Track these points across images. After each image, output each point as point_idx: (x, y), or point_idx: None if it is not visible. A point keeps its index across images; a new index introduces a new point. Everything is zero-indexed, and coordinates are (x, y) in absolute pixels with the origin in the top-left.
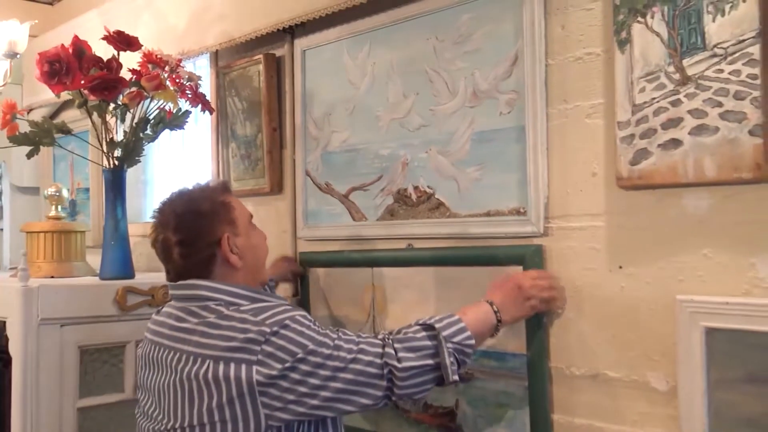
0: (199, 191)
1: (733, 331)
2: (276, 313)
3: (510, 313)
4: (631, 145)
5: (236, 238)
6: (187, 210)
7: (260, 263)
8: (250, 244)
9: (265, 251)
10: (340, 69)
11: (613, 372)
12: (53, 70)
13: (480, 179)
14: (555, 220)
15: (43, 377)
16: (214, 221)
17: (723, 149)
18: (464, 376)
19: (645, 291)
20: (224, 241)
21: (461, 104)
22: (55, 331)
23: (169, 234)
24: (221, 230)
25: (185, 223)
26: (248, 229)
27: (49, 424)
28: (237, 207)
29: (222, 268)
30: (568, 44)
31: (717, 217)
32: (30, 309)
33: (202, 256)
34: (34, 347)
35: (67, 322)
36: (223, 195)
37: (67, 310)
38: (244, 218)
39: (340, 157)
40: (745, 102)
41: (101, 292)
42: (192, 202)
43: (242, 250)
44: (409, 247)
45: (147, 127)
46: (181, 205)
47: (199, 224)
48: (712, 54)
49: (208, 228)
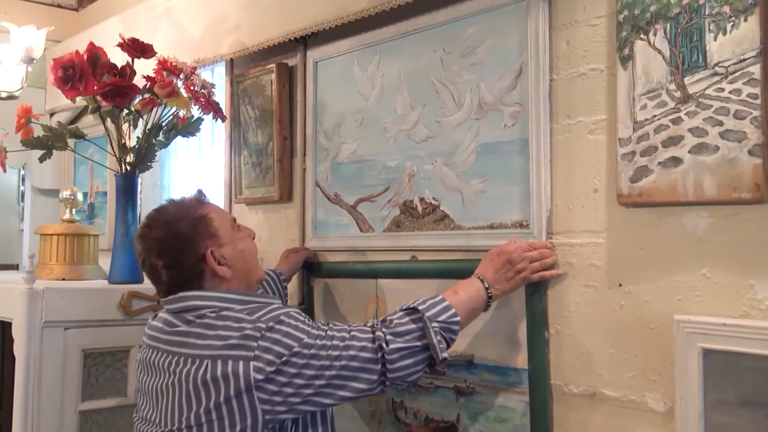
0: (175, 210)
1: (730, 353)
2: (270, 311)
3: (501, 287)
4: (632, 162)
5: (221, 248)
6: (167, 234)
7: (251, 265)
8: (236, 251)
9: (253, 252)
10: (350, 80)
11: (610, 391)
12: (67, 75)
13: (484, 191)
14: (557, 235)
15: (45, 379)
16: (195, 239)
17: (723, 168)
18: (465, 390)
19: (644, 310)
20: (209, 256)
21: (467, 116)
22: (58, 334)
23: (153, 259)
24: (204, 246)
25: (167, 248)
26: (233, 236)
27: (50, 426)
28: (216, 217)
29: (213, 281)
30: (573, 59)
31: (716, 237)
32: (34, 311)
33: (190, 274)
34: (37, 349)
35: (71, 325)
36: (199, 209)
37: (71, 313)
38: (225, 226)
39: (348, 167)
40: (745, 122)
41: (106, 296)
42: (169, 225)
43: (230, 259)
44: (413, 259)
45: (160, 134)
46: (159, 229)
47: (181, 245)
48: (713, 72)
49: (191, 247)
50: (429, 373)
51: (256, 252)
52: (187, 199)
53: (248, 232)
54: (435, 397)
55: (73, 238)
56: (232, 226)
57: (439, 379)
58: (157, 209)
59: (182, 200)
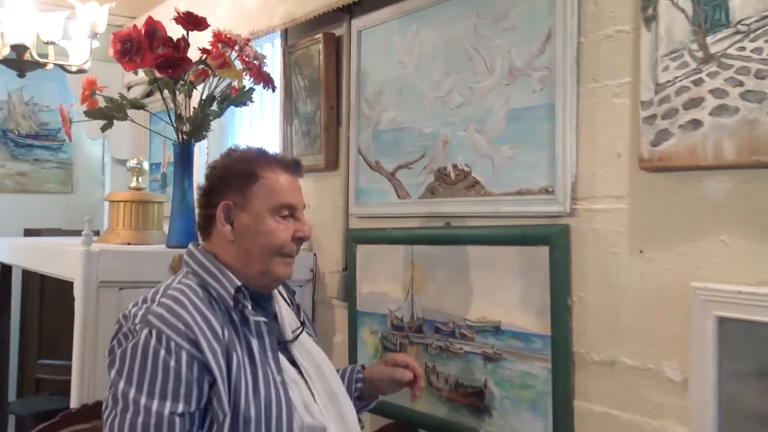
0: (239, 155)
1: (746, 321)
2: (151, 313)
3: None
4: (653, 125)
5: (242, 212)
6: (217, 165)
7: (258, 252)
8: (255, 227)
9: (274, 244)
10: (390, 49)
11: (630, 360)
12: (125, 48)
13: (513, 157)
14: (581, 201)
15: (101, 336)
16: (227, 184)
17: (742, 131)
18: (493, 356)
19: (664, 277)
20: (221, 206)
21: (498, 82)
22: (113, 294)
23: (203, 181)
24: (226, 195)
25: (211, 176)
26: (266, 214)
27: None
28: (265, 185)
29: (218, 234)
30: (600, 21)
31: (736, 202)
32: (90, 272)
33: (206, 214)
34: (93, 308)
35: (125, 286)
36: (258, 166)
37: (125, 275)
38: (268, 199)
39: (388, 135)
40: (765, 81)
41: (159, 259)
42: (224, 159)
43: (241, 228)
44: (447, 225)
45: (213, 104)
46: (220, 159)
47: (217, 181)
48: (736, 31)
49: (219, 188)
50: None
51: (283, 246)
52: (270, 154)
53: (297, 225)
54: (464, 362)
55: (138, 205)
56: (278, 207)
57: (468, 344)
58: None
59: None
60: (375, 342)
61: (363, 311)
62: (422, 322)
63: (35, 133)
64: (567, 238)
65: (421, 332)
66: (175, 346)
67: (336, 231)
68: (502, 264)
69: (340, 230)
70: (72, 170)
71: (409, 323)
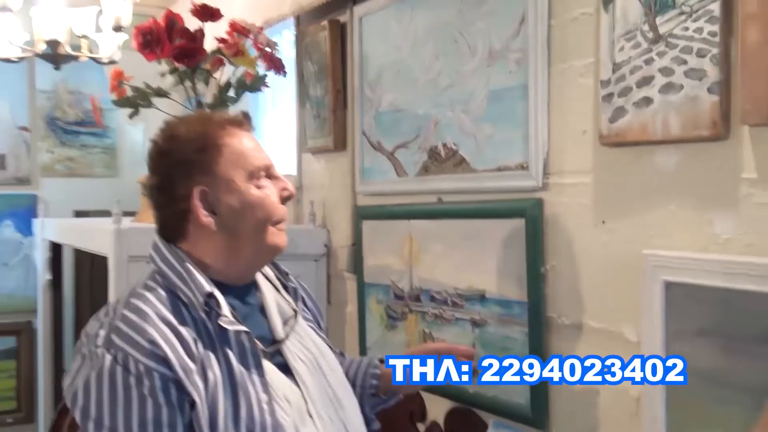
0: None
1: (688, 285)
2: (112, 330)
3: None
4: (611, 103)
5: (220, 193)
6: (165, 150)
7: (251, 230)
8: (240, 201)
9: (268, 209)
10: (388, 34)
11: (595, 323)
12: (146, 40)
13: (493, 136)
14: (553, 176)
15: None
16: (188, 169)
17: (686, 107)
18: (479, 322)
19: (623, 246)
20: (194, 194)
21: (480, 64)
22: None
23: (149, 176)
24: (192, 182)
25: (161, 166)
26: (245, 185)
27: None
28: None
29: (197, 229)
30: (568, 4)
31: (682, 175)
32: (121, 247)
33: (174, 210)
34: (124, 280)
35: None
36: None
37: None
38: (241, 168)
39: (388, 116)
40: (705, 59)
41: None
42: (172, 141)
43: (225, 210)
44: (439, 201)
45: (230, 90)
46: (163, 142)
47: (173, 170)
48: (680, 12)
49: (183, 178)
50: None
51: (275, 212)
52: (217, 117)
53: (280, 185)
54: (456, 328)
55: None
56: (254, 172)
57: (459, 311)
58: (179, 118)
59: (209, 117)
60: (381, 311)
61: (369, 282)
62: (420, 292)
63: (81, 120)
64: (540, 211)
65: (419, 301)
66: (145, 369)
67: (346, 208)
68: (486, 237)
69: (349, 207)
70: (116, 155)
71: (408, 293)
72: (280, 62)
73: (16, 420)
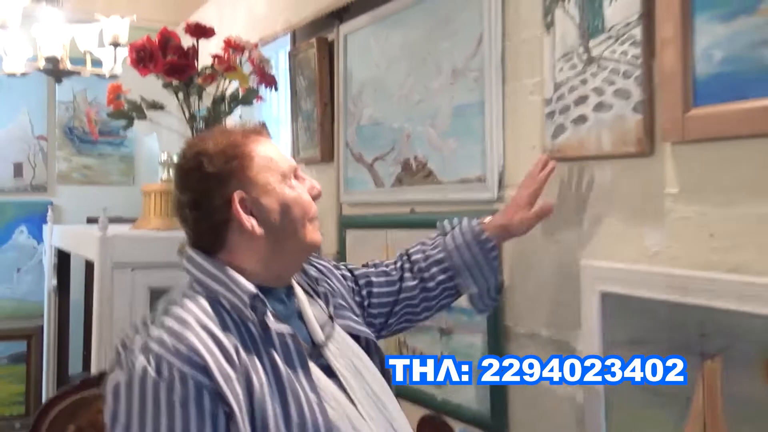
0: (214, 141)
1: (621, 295)
2: (150, 337)
3: None
4: (553, 120)
5: (258, 197)
6: (195, 166)
7: (296, 224)
8: (279, 202)
9: (305, 207)
10: (369, 52)
11: (545, 331)
12: (140, 57)
13: (456, 150)
14: (508, 188)
15: (116, 311)
16: (226, 179)
17: (616, 125)
18: (446, 330)
19: (567, 257)
20: (235, 201)
21: (445, 81)
22: (126, 274)
23: (177, 193)
24: (233, 187)
25: (193, 183)
26: (279, 184)
27: None
28: (260, 157)
29: (238, 237)
30: (519, 26)
31: (616, 189)
32: (105, 254)
33: (213, 221)
34: (109, 286)
35: (137, 266)
36: (243, 144)
37: (137, 257)
38: (272, 172)
39: (368, 130)
40: (630, 80)
41: (167, 243)
42: (200, 157)
43: (266, 211)
44: (412, 211)
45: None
46: (190, 159)
47: (208, 183)
48: (609, 36)
49: (216, 188)
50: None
51: (310, 209)
52: (237, 128)
53: (308, 184)
54: (427, 336)
55: (168, 195)
56: (285, 173)
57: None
58: (199, 135)
59: (230, 130)
60: None
61: None
62: None
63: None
64: None
65: None
66: (179, 374)
67: (332, 217)
68: None
69: (335, 216)
70: (133, 163)
71: None
72: (272, 78)
73: (23, 425)
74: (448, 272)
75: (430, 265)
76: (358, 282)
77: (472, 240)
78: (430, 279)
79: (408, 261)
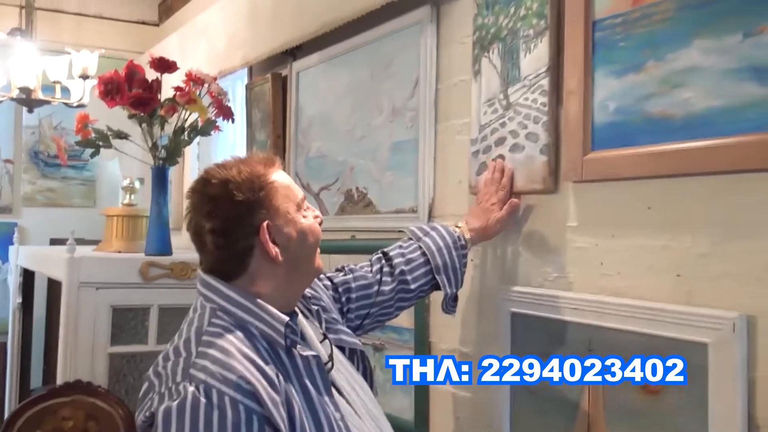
0: (238, 170)
1: (528, 315)
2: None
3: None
4: (477, 158)
5: (280, 226)
6: (223, 194)
7: (310, 252)
8: (298, 231)
9: (317, 236)
10: (318, 88)
11: (465, 348)
12: (107, 89)
13: (393, 182)
14: (437, 219)
15: (81, 327)
16: (254, 207)
17: (526, 164)
18: (379, 346)
19: (486, 280)
20: (263, 230)
21: (385, 119)
22: (91, 293)
23: (201, 219)
24: (260, 217)
25: (220, 210)
26: (296, 215)
27: (85, 363)
28: (283, 187)
29: (261, 265)
30: (451, 71)
31: (527, 222)
32: (73, 274)
33: (238, 249)
34: (75, 304)
35: (102, 286)
36: (267, 173)
37: (102, 277)
38: (291, 201)
39: (315, 161)
40: (539, 125)
41: (129, 265)
42: (228, 185)
43: (288, 240)
44: (353, 238)
45: (184, 134)
46: (216, 187)
47: (237, 210)
48: (524, 84)
49: (247, 216)
50: None
51: (319, 238)
52: (255, 158)
53: (313, 213)
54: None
55: (129, 219)
56: (299, 203)
57: (365, 337)
58: (219, 163)
59: (249, 158)
60: None
61: None
62: None
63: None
64: None
65: None
66: (230, 400)
67: None
68: None
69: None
70: (95, 187)
71: None
72: (229, 110)
73: None
74: (429, 274)
75: (413, 268)
76: (338, 290)
77: (451, 244)
78: (412, 281)
79: (388, 265)
